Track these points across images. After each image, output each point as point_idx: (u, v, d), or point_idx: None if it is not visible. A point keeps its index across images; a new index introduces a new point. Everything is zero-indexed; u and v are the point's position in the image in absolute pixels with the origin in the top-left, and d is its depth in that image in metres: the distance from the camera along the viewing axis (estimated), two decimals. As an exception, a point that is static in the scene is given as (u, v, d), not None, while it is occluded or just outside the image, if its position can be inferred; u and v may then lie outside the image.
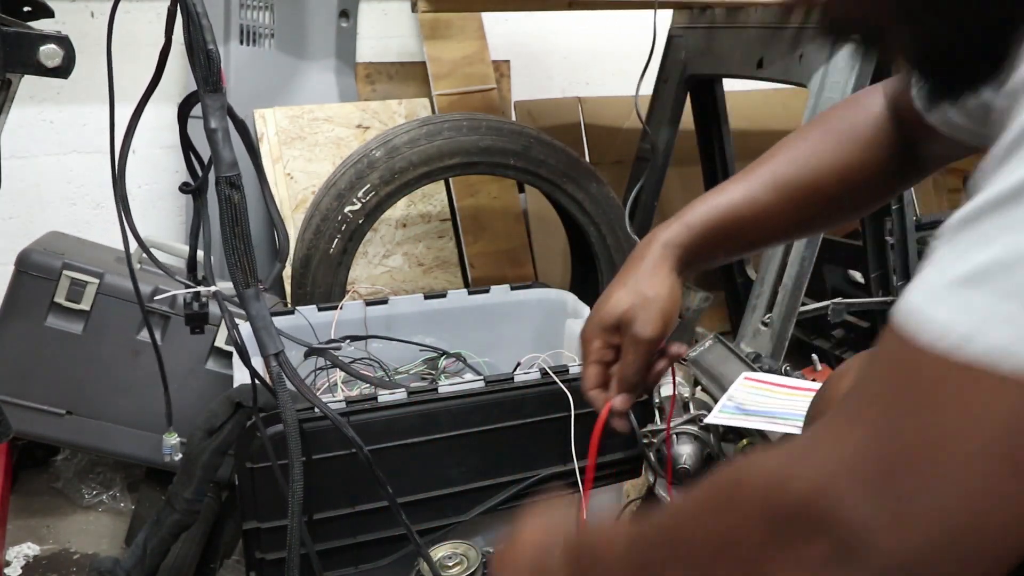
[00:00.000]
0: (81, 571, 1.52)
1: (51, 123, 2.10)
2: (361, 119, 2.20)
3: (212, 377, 1.54)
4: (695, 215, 0.86)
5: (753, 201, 0.86)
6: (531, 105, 2.46)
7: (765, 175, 0.86)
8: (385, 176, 1.66)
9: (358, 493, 1.15)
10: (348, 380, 1.41)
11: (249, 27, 2.17)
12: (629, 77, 1.83)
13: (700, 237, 0.86)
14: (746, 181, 0.87)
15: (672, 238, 0.86)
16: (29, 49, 0.76)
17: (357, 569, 1.18)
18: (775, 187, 0.86)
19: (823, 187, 0.85)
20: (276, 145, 2.10)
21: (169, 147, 2.19)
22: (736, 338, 1.68)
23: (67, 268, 1.48)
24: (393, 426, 1.16)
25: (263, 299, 0.80)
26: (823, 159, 0.85)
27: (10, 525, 1.58)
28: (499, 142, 1.73)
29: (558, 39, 2.57)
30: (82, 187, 2.14)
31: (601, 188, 1.84)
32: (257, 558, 1.13)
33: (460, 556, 1.13)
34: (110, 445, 1.54)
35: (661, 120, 2.12)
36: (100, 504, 1.68)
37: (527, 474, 1.25)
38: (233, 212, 0.76)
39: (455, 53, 2.30)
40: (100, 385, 1.51)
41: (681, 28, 2.08)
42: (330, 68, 2.28)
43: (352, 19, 2.31)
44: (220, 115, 0.75)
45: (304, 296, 1.67)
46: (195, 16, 0.73)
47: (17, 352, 1.48)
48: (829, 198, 0.86)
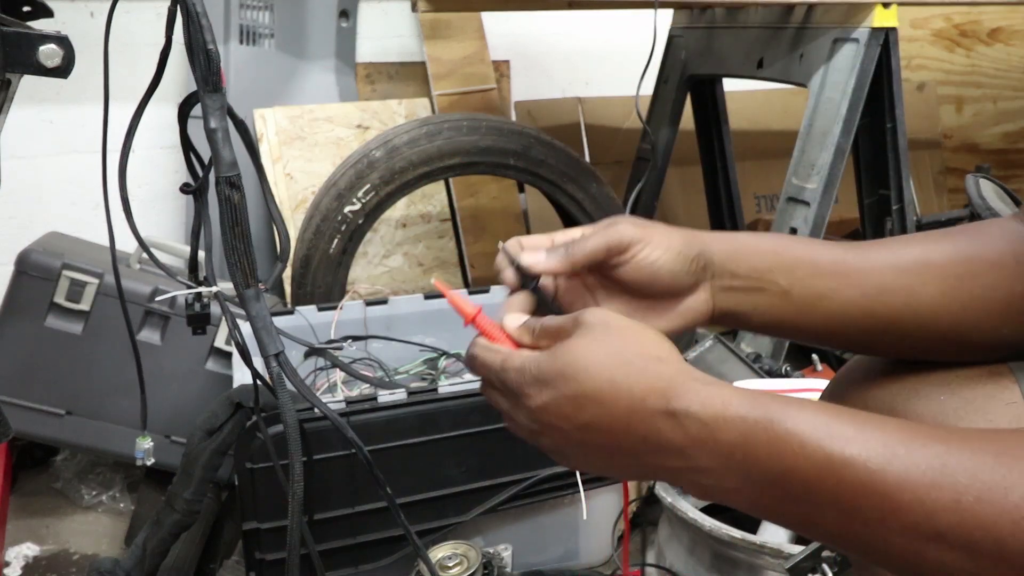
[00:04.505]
0: (81, 571, 1.52)
1: (51, 123, 2.10)
2: (361, 119, 2.20)
3: (212, 377, 1.54)
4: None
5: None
6: (531, 105, 2.46)
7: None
8: (385, 176, 1.66)
9: (358, 493, 1.15)
10: (348, 380, 1.41)
11: (249, 27, 2.17)
12: (629, 77, 1.83)
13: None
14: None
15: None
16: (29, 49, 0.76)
17: (357, 569, 1.18)
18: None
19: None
20: (276, 145, 2.10)
21: (169, 147, 2.19)
22: (736, 338, 1.68)
23: (67, 268, 1.48)
24: (393, 426, 1.16)
25: (263, 299, 0.80)
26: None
27: (10, 525, 1.58)
28: (499, 142, 1.73)
29: (558, 39, 2.57)
30: (82, 187, 2.14)
31: (601, 188, 1.84)
32: (257, 558, 1.14)
33: (460, 556, 1.13)
34: (110, 445, 1.53)
35: (661, 120, 2.12)
36: (100, 504, 1.68)
37: (527, 474, 1.25)
38: (233, 212, 0.76)
39: (455, 53, 2.30)
40: (100, 385, 1.51)
41: (681, 28, 2.08)
42: (330, 68, 2.28)
43: (352, 19, 2.31)
44: (220, 115, 0.75)
45: (304, 296, 1.67)
46: (195, 16, 0.73)
47: (17, 352, 1.48)
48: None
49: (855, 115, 1.57)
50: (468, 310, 0.64)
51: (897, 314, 0.63)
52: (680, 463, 0.52)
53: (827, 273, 0.65)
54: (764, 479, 0.49)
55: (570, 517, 1.33)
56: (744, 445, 0.49)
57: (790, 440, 0.48)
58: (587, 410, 0.54)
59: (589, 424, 0.54)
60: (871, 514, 0.46)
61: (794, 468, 0.48)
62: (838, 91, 1.57)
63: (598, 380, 0.54)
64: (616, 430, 0.54)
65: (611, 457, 0.55)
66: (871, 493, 0.46)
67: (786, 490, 0.48)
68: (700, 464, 0.51)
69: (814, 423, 0.48)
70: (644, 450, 0.53)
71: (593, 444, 0.55)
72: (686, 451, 0.51)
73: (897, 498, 0.45)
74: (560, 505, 1.31)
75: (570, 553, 1.37)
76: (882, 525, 0.46)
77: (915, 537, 0.45)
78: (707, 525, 1.31)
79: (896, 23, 1.56)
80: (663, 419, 0.52)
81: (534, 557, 1.33)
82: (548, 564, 1.35)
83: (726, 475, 0.50)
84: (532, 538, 1.32)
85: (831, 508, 0.47)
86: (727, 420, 0.50)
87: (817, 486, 0.47)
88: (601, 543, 1.39)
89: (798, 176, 1.64)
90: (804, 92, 1.65)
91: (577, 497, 1.26)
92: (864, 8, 1.55)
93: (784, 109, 2.55)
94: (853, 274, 0.64)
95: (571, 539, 1.36)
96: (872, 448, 0.46)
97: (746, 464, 0.49)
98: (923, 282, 0.63)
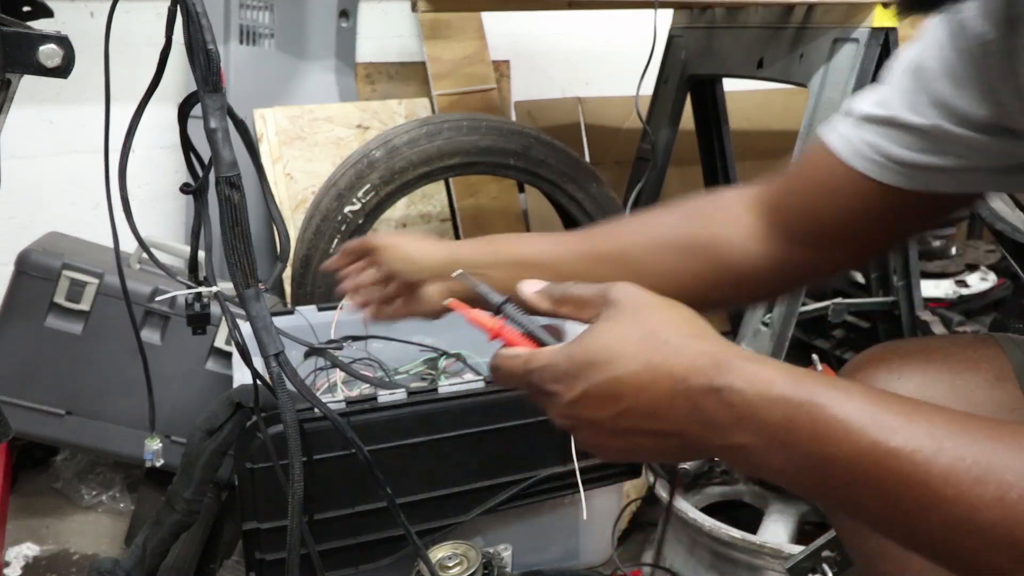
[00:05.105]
0: (81, 571, 1.52)
1: (51, 123, 2.10)
2: (361, 119, 2.20)
3: (212, 377, 1.54)
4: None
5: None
6: (531, 105, 2.46)
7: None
8: (385, 176, 1.66)
9: (358, 493, 1.15)
10: (348, 380, 1.41)
11: (249, 27, 2.16)
12: (629, 77, 1.83)
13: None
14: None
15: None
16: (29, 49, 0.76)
17: (357, 569, 1.18)
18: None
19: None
20: (276, 145, 2.10)
21: (169, 147, 2.19)
22: (736, 338, 1.68)
23: (67, 268, 1.48)
24: (393, 426, 1.16)
25: (263, 299, 0.80)
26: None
27: (10, 525, 1.58)
28: (499, 142, 1.73)
29: (558, 39, 2.57)
30: (82, 187, 2.14)
31: (601, 188, 1.84)
32: (257, 558, 1.13)
33: (460, 556, 1.13)
34: (110, 445, 1.53)
35: (661, 120, 2.12)
36: (100, 504, 1.68)
37: (527, 474, 1.25)
38: (233, 212, 0.76)
39: (455, 53, 2.30)
40: (100, 385, 1.51)
41: (681, 28, 2.08)
42: (330, 68, 2.28)
43: (352, 19, 2.31)
44: (220, 115, 0.74)
45: (304, 296, 1.67)
46: (195, 16, 0.73)
47: (17, 352, 1.48)
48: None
49: (855, 115, 1.57)
50: (491, 325, 0.63)
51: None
52: (725, 440, 0.51)
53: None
54: (808, 462, 0.49)
55: (570, 517, 1.33)
56: (788, 427, 0.49)
57: (836, 426, 0.47)
58: (625, 397, 0.53)
59: (628, 410, 0.54)
60: (913, 505, 0.46)
61: (838, 455, 0.47)
62: (838, 91, 1.57)
63: (634, 364, 0.53)
64: (659, 413, 0.53)
65: (654, 440, 0.55)
66: (915, 484, 0.46)
67: (830, 474, 0.48)
68: (745, 442, 0.51)
69: (860, 410, 0.48)
70: (688, 430, 0.53)
71: (634, 430, 0.54)
72: (731, 429, 0.51)
73: (941, 492, 0.45)
74: (560, 505, 1.31)
75: (570, 553, 1.37)
76: (924, 517, 0.46)
77: (958, 531, 0.45)
78: (707, 525, 1.31)
79: (896, 23, 1.56)
80: (707, 396, 0.51)
81: (534, 557, 1.33)
82: (548, 564, 1.35)
83: (770, 454, 0.50)
84: (532, 538, 1.32)
85: (874, 496, 0.47)
86: (772, 400, 0.50)
87: (860, 474, 0.47)
88: (601, 543, 1.39)
89: (798, 176, 1.64)
90: (804, 92, 1.65)
91: (577, 497, 1.26)
92: (864, 8, 1.55)
93: (784, 109, 2.55)
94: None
95: (571, 539, 1.36)
96: (918, 439, 0.46)
97: (789, 445, 0.49)
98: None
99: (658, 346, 0.53)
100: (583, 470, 1.25)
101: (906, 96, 0.70)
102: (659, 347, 0.53)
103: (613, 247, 0.83)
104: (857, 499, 0.48)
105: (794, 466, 0.49)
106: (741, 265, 0.79)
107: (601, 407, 0.54)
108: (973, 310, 1.96)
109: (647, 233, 0.83)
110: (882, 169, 0.71)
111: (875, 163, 0.71)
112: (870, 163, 0.71)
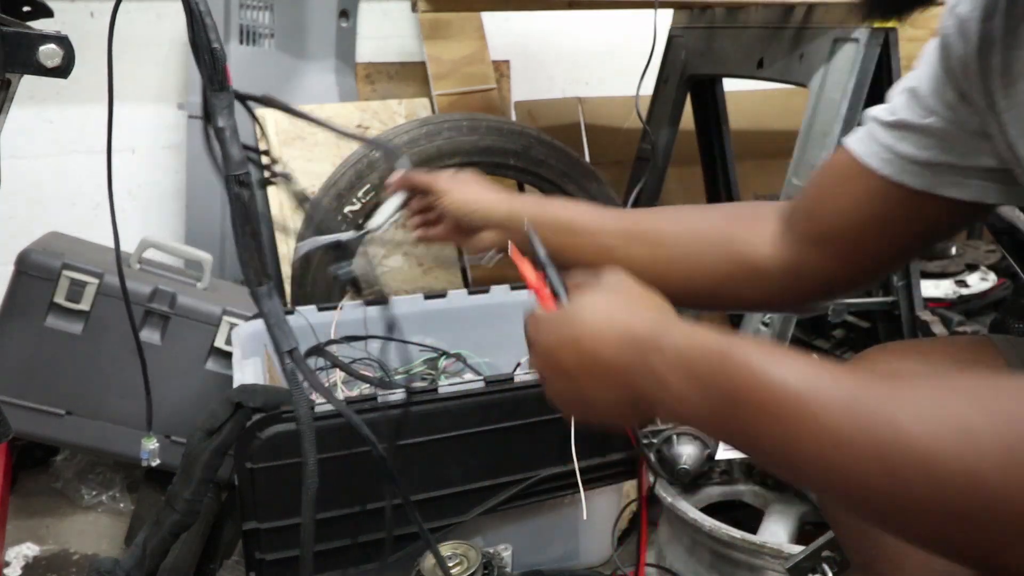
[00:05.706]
0: (81, 571, 1.52)
1: (51, 123, 2.10)
2: (361, 119, 2.20)
3: (212, 377, 1.54)
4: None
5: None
6: (531, 105, 2.46)
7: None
8: (385, 176, 1.66)
9: (358, 493, 1.15)
10: (348, 380, 1.41)
11: (249, 27, 2.16)
12: (629, 77, 1.83)
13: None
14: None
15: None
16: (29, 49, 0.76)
17: (357, 569, 1.18)
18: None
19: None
20: (276, 145, 2.10)
21: (169, 147, 2.19)
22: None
23: (67, 268, 1.48)
24: (393, 426, 1.16)
25: (276, 297, 0.80)
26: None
27: (10, 525, 1.58)
28: (499, 142, 1.73)
29: (558, 39, 2.57)
30: (82, 187, 2.14)
31: (601, 188, 1.84)
32: (257, 558, 1.13)
33: (460, 556, 1.13)
34: (110, 445, 1.53)
35: (661, 120, 2.12)
36: (100, 504, 1.68)
37: (527, 474, 1.24)
38: (243, 210, 0.76)
39: (455, 53, 2.30)
40: (100, 385, 1.51)
41: (681, 28, 2.08)
42: (330, 68, 2.28)
43: (352, 19, 2.31)
44: (227, 113, 0.75)
45: (304, 296, 1.67)
46: (199, 15, 0.73)
47: (17, 352, 1.48)
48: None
49: (855, 115, 1.57)
50: (532, 279, 0.74)
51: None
52: (663, 390, 0.60)
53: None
54: (722, 399, 0.57)
55: (570, 517, 1.33)
56: (710, 370, 0.58)
57: (741, 365, 0.56)
58: (585, 345, 0.64)
59: (586, 357, 0.64)
60: (790, 423, 0.53)
61: (741, 386, 0.56)
62: (838, 91, 1.57)
63: (598, 318, 0.64)
64: (611, 362, 0.62)
65: (608, 393, 0.64)
66: (792, 403, 0.53)
67: (736, 406, 0.56)
68: (678, 388, 0.59)
69: (762, 353, 0.56)
70: (635, 382, 0.62)
71: (591, 378, 0.64)
72: (667, 377, 0.60)
73: (812, 409, 0.52)
74: (560, 505, 1.31)
75: (570, 553, 1.37)
76: (797, 434, 0.53)
77: (824, 444, 0.51)
78: (707, 525, 1.31)
79: (896, 23, 1.56)
80: (652, 352, 0.61)
81: (534, 557, 1.33)
82: (548, 564, 1.35)
83: (696, 399, 0.58)
84: (532, 538, 1.32)
85: (765, 420, 0.54)
86: (700, 350, 0.59)
87: (756, 401, 0.55)
88: (601, 543, 1.39)
89: (798, 176, 1.64)
90: (804, 92, 1.65)
91: (577, 497, 1.26)
92: (864, 8, 1.55)
93: (784, 109, 2.55)
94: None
95: (571, 539, 1.36)
96: (801, 373, 0.54)
97: (710, 386, 0.57)
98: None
99: (620, 308, 0.64)
100: (583, 470, 1.25)
101: (908, 107, 0.75)
102: (621, 309, 0.64)
103: (649, 228, 0.91)
104: (756, 426, 0.55)
105: (712, 405, 0.57)
106: (755, 263, 0.84)
107: (567, 354, 0.65)
108: (973, 310, 1.96)
109: (682, 221, 0.91)
110: (894, 167, 0.75)
111: (888, 162, 0.75)
112: (884, 162, 0.76)
